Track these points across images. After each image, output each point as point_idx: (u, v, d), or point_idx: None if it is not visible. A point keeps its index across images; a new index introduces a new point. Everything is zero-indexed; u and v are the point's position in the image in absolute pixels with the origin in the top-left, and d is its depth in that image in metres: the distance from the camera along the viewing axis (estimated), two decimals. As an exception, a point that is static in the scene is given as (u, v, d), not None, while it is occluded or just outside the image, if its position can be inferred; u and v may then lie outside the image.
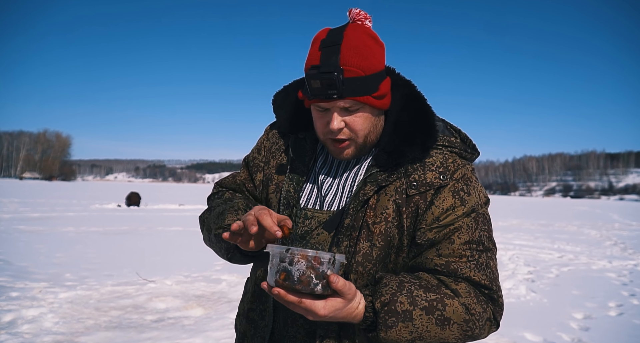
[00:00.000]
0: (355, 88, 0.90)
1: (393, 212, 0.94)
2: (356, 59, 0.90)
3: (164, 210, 18.17)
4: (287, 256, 0.78)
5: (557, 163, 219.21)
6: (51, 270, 5.66)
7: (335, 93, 0.89)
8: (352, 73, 0.89)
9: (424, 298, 0.86)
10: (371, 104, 0.94)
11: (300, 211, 1.01)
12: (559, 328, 3.95)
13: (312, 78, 0.89)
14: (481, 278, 0.91)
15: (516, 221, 18.35)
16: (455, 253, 0.92)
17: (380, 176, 0.96)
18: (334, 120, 0.93)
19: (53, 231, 9.70)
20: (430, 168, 0.97)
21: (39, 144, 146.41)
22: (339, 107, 0.93)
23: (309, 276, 0.78)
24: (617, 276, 6.68)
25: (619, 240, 11.98)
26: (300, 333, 0.97)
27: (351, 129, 0.95)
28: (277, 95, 1.13)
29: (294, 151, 1.07)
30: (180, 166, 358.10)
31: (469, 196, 0.95)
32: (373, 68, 0.92)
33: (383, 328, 0.84)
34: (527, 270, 6.88)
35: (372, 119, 0.97)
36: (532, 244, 10.33)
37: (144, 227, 11.21)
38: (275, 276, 0.79)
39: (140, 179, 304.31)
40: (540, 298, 5.09)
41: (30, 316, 3.80)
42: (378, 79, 0.94)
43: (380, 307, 0.85)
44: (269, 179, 1.09)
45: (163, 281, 5.15)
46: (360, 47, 0.91)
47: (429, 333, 0.86)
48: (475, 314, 0.89)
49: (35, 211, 14.84)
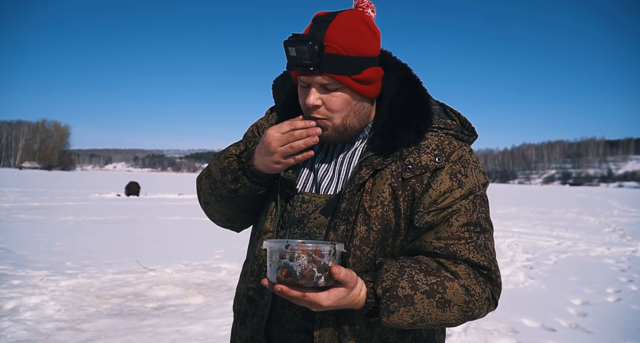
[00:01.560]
0: (334, 65, 0.89)
1: (389, 195, 0.94)
2: (341, 37, 0.90)
3: (164, 200, 18.21)
4: (287, 252, 0.77)
5: (556, 150, 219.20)
6: (52, 258, 5.68)
7: (310, 64, 0.88)
8: (333, 49, 0.89)
9: (425, 282, 0.87)
10: (350, 86, 0.92)
11: (297, 195, 1.01)
12: (557, 314, 3.98)
13: (288, 45, 0.89)
14: (480, 259, 0.92)
15: (515, 208, 18.42)
16: (454, 235, 0.92)
17: (376, 159, 0.96)
18: (311, 95, 0.93)
19: (53, 220, 9.73)
20: (425, 151, 0.96)
21: (37, 133, 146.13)
22: (318, 84, 0.92)
23: (311, 271, 0.77)
24: (615, 262, 6.72)
25: (617, 227, 12.04)
26: (297, 315, 0.98)
27: (328, 108, 0.94)
28: (276, 80, 1.13)
29: None
30: (179, 155, 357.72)
31: (467, 178, 0.95)
32: (358, 50, 0.91)
33: (385, 313, 0.85)
34: (525, 257, 6.92)
35: (353, 103, 0.95)
36: (531, 231, 10.38)
37: (143, 216, 11.24)
38: (276, 273, 0.79)
39: (139, 169, 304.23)
40: (538, 284, 5.13)
41: (32, 303, 3.82)
42: (363, 63, 0.93)
43: (382, 293, 0.85)
44: None
45: (163, 270, 5.18)
46: (349, 27, 0.91)
47: (430, 316, 0.87)
48: (475, 295, 0.90)
49: (35, 200, 14.87)
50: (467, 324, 3.59)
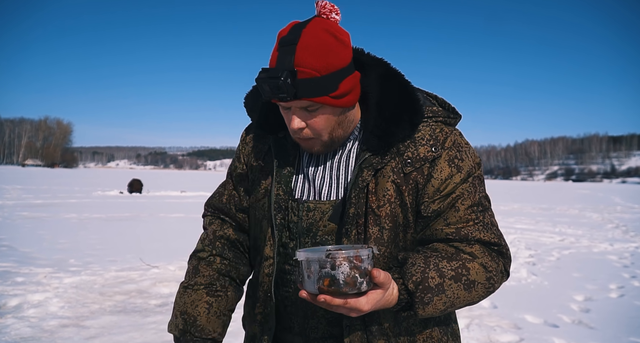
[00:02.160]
0: (310, 89, 0.88)
1: (394, 192, 0.95)
2: (311, 59, 0.87)
3: (166, 197, 18.24)
4: (328, 261, 0.76)
5: (559, 146, 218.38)
6: (55, 255, 5.70)
7: (287, 96, 0.87)
8: (306, 74, 0.87)
9: (450, 267, 0.90)
10: (330, 104, 0.91)
11: (302, 205, 1.00)
12: (560, 311, 3.98)
13: (260, 82, 0.88)
14: (490, 237, 0.96)
15: (517, 205, 18.39)
16: (462, 219, 0.95)
17: (374, 159, 0.96)
18: (293, 121, 0.92)
19: (56, 217, 9.76)
20: (421, 142, 0.97)
21: (40, 131, 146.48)
22: (298, 107, 0.91)
23: (354, 277, 0.77)
24: (618, 258, 6.71)
25: (620, 223, 12.01)
26: (322, 323, 0.99)
27: (312, 128, 0.94)
28: (247, 97, 1.10)
29: (277, 152, 1.04)
30: (181, 153, 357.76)
31: (463, 162, 0.97)
32: (330, 67, 0.89)
33: (420, 306, 0.87)
34: (528, 253, 6.91)
35: (335, 118, 0.94)
36: (534, 228, 10.36)
37: (146, 214, 11.27)
38: (317, 283, 0.77)
39: (142, 166, 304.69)
40: (541, 281, 5.12)
41: (36, 300, 3.84)
42: (338, 78, 0.90)
43: (415, 287, 0.87)
44: (256, 185, 1.08)
45: (166, 267, 5.19)
46: (316, 46, 0.88)
47: (459, 299, 0.91)
48: (493, 270, 0.94)
49: (38, 198, 14.92)
50: (470, 320, 3.59)
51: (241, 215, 1.13)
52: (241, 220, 1.13)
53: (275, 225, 1.00)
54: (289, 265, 1.01)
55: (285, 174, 1.02)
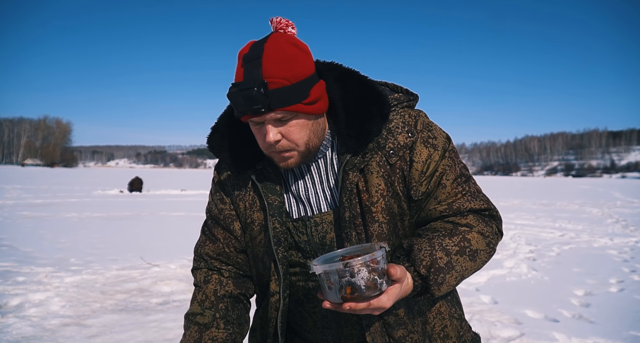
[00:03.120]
0: (283, 98, 0.88)
1: (385, 186, 0.97)
2: (279, 69, 0.87)
3: (166, 196, 18.24)
4: (347, 270, 0.77)
5: (558, 142, 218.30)
6: (56, 255, 5.71)
7: (261, 107, 0.86)
8: (276, 84, 0.87)
9: (452, 243, 0.93)
10: (304, 111, 0.91)
11: (308, 221, 1.01)
12: (560, 305, 3.99)
13: (233, 97, 0.88)
14: (480, 204, 1.00)
15: (518, 201, 18.40)
16: (451, 193, 0.98)
17: (356, 159, 0.97)
18: (269, 133, 0.91)
19: (56, 217, 9.77)
20: (397, 131, 0.99)
21: (39, 130, 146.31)
22: (272, 120, 0.90)
23: (374, 280, 0.78)
24: (618, 253, 6.71)
25: (620, 218, 12.01)
26: (356, 329, 1.03)
27: (289, 139, 0.93)
28: (210, 139, 1.07)
29: (262, 186, 1.03)
30: (181, 151, 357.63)
31: (437, 140, 1.00)
32: (298, 75, 0.89)
33: (435, 287, 0.90)
34: (528, 249, 6.91)
35: (310, 124, 0.94)
36: (534, 223, 10.37)
37: (146, 212, 11.27)
38: (340, 293, 0.79)
39: (142, 165, 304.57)
40: (541, 276, 5.13)
41: (37, 300, 3.85)
42: (307, 85, 0.91)
43: (427, 271, 0.89)
44: (250, 222, 1.06)
45: (167, 265, 5.20)
46: (281, 57, 0.88)
47: (467, 270, 0.95)
48: (489, 235, 0.98)
49: (38, 197, 14.93)
50: (470, 316, 3.60)
51: (242, 256, 1.10)
52: (242, 261, 1.11)
53: (278, 259, 1.00)
54: (312, 281, 1.03)
55: (277, 205, 1.01)
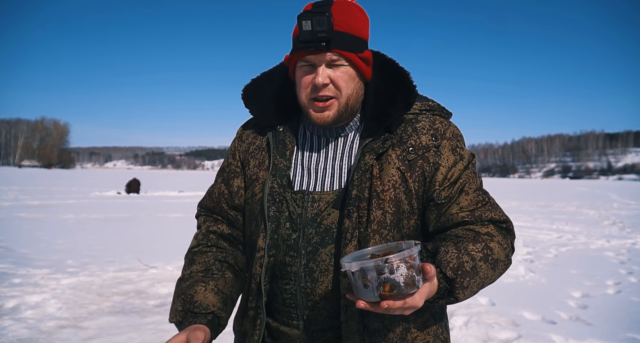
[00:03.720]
0: (344, 41, 0.94)
1: (399, 178, 0.98)
2: (345, 17, 0.94)
3: (164, 197, 18.20)
4: (386, 266, 0.75)
5: (556, 144, 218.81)
6: (53, 256, 5.69)
7: (325, 37, 0.91)
8: (340, 27, 0.93)
9: (476, 249, 0.93)
10: (356, 63, 0.97)
11: (306, 195, 1.01)
12: (558, 307, 3.99)
13: (303, 18, 0.91)
14: (500, 215, 1.01)
15: (515, 202, 18.43)
16: (473, 201, 0.99)
17: (375, 144, 0.98)
18: (321, 74, 0.95)
19: (53, 218, 9.73)
20: (422, 132, 1.01)
21: (36, 131, 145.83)
22: (326, 61, 0.95)
23: (412, 277, 0.76)
24: (615, 255, 6.73)
25: (617, 220, 12.05)
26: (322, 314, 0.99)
27: (336, 85, 0.97)
28: (246, 89, 1.10)
29: (274, 146, 1.04)
30: (179, 153, 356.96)
31: (464, 151, 1.03)
32: (359, 32, 0.97)
33: (460, 291, 0.89)
34: (526, 250, 6.93)
35: (356, 80, 0.99)
36: (531, 225, 10.38)
37: (144, 214, 11.24)
38: (378, 290, 0.76)
39: (139, 167, 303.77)
40: (539, 278, 5.14)
41: (34, 302, 3.83)
42: (364, 44, 0.99)
43: (454, 273, 0.89)
44: (254, 180, 1.07)
45: (164, 267, 5.19)
46: (348, 10, 0.96)
47: (488, 278, 0.94)
48: (507, 247, 0.98)
49: (35, 198, 14.87)
50: (468, 317, 3.60)
51: (233, 213, 1.11)
52: (233, 217, 1.11)
53: (267, 217, 1.00)
54: (289, 257, 1.00)
55: (281, 167, 1.03)
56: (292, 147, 1.05)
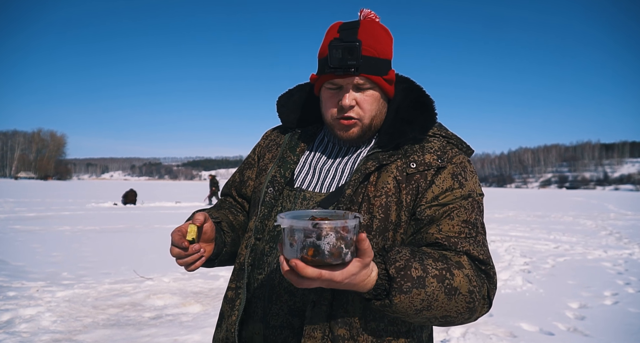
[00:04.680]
0: (370, 66, 0.98)
1: (393, 188, 0.98)
2: (372, 41, 0.98)
3: (161, 208, 18.13)
4: (314, 230, 0.72)
5: (552, 154, 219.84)
6: (48, 269, 5.64)
7: (354, 64, 0.95)
8: (368, 52, 0.97)
9: (434, 266, 0.87)
10: (382, 86, 1.01)
11: (299, 192, 1.05)
12: (555, 318, 3.98)
13: (334, 47, 0.95)
14: (480, 253, 0.94)
15: (512, 212, 18.44)
16: (455, 228, 0.94)
17: (382, 155, 1.01)
18: (347, 96, 0.99)
19: (49, 230, 9.66)
20: (429, 151, 1.02)
21: (33, 143, 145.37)
22: (353, 84, 0.99)
23: (339, 248, 0.73)
24: (612, 265, 6.73)
25: (614, 230, 12.06)
26: (283, 310, 0.98)
27: (361, 107, 1.01)
28: (281, 96, 1.21)
29: (288, 143, 1.14)
30: (176, 163, 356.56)
31: (467, 181, 1.00)
32: (385, 54, 1.01)
33: (397, 294, 0.83)
34: (523, 261, 6.92)
35: (380, 102, 1.04)
36: (529, 235, 10.38)
37: (140, 225, 11.19)
38: (300, 252, 0.73)
39: (136, 178, 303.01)
40: (536, 288, 5.13)
41: (28, 315, 3.79)
42: (388, 65, 1.03)
43: (396, 272, 0.84)
44: (263, 170, 1.16)
45: (161, 279, 5.15)
46: (374, 33, 1.00)
47: (437, 303, 0.86)
48: (477, 287, 0.89)
49: (31, 210, 14.78)
50: (465, 328, 3.58)
51: (240, 199, 1.23)
52: (240, 204, 1.23)
53: (262, 201, 1.06)
54: (269, 247, 1.03)
55: (288, 161, 1.10)
56: (304, 146, 1.13)
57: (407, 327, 0.98)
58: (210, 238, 0.99)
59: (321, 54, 1.02)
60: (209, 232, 0.97)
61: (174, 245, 0.91)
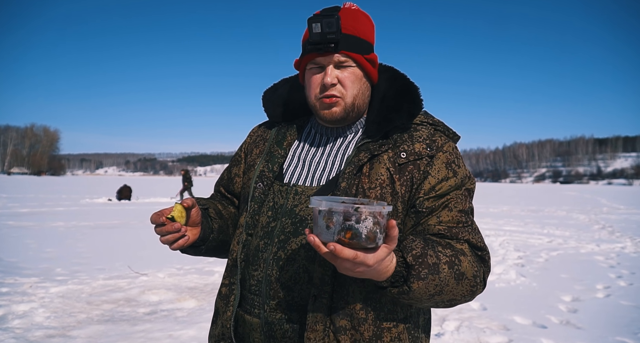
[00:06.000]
0: (351, 43, 1.00)
1: (387, 179, 0.99)
2: (353, 21, 1.01)
3: (156, 203, 18.06)
4: (354, 214, 0.74)
5: (546, 149, 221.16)
6: (41, 265, 5.61)
7: (334, 39, 0.96)
8: (347, 30, 0.99)
9: (444, 253, 0.92)
10: (363, 65, 1.02)
11: (290, 188, 1.05)
12: (548, 311, 4.02)
13: (313, 21, 0.97)
14: (478, 240, 0.99)
15: (507, 207, 18.55)
16: (454, 219, 0.98)
17: (372, 145, 1.01)
18: (329, 74, 1.00)
19: (43, 226, 9.60)
20: (418, 140, 1.03)
21: (26, 138, 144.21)
22: (334, 62, 1.01)
23: (375, 232, 0.76)
24: (604, 259, 6.80)
25: (607, 224, 12.17)
26: (281, 305, 0.99)
27: (343, 85, 1.02)
28: (266, 91, 1.22)
29: (275, 137, 1.14)
30: (171, 159, 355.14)
31: (460, 169, 1.03)
32: (366, 35, 1.02)
33: (415, 280, 0.87)
34: (517, 255, 6.97)
35: (362, 82, 1.04)
36: (522, 229, 10.45)
37: (135, 221, 11.14)
38: (338, 235, 0.75)
39: (131, 173, 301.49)
40: (529, 282, 5.17)
41: (21, 311, 3.77)
42: (370, 47, 1.04)
43: (414, 260, 0.88)
44: (251, 166, 1.15)
45: (155, 274, 5.14)
46: (354, 16, 1.02)
47: (448, 288, 0.91)
48: (478, 271, 0.96)
49: (25, 206, 14.67)
50: (459, 322, 3.61)
51: (229, 196, 1.23)
52: (229, 200, 1.23)
53: (252, 197, 1.06)
54: (263, 243, 1.03)
55: (275, 155, 1.10)
56: (291, 139, 1.13)
57: (405, 314, 0.99)
58: (196, 223, 1.01)
59: (303, 38, 1.04)
60: (194, 216, 1.00)
61: (152, 222, 0.95)
